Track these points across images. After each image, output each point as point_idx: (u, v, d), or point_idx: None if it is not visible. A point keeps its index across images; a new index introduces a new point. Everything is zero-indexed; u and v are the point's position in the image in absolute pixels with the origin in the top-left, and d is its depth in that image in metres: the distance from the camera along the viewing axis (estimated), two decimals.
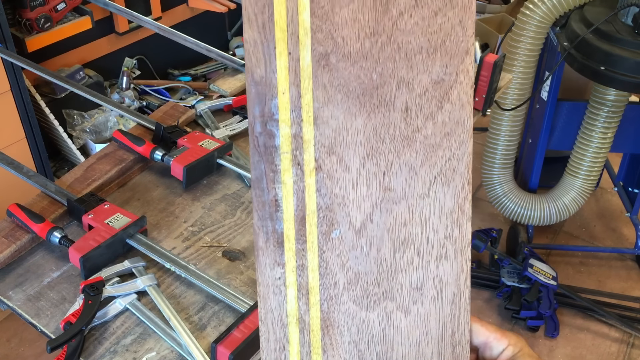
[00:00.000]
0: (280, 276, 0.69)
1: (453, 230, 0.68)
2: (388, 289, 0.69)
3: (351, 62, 0.65)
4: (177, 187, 1.33)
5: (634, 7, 2.02)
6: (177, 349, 1.01)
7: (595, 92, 2.26)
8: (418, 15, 0.65)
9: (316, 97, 0.65)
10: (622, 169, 2.75)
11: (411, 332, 0.69)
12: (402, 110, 0.65)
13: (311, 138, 0.66)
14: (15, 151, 2.17)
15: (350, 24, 0.65)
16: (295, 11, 0.65)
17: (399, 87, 0.65)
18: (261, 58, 0.64)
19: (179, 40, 1.67)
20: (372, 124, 0.66)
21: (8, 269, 1.14)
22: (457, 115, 0.66)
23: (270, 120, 0.65)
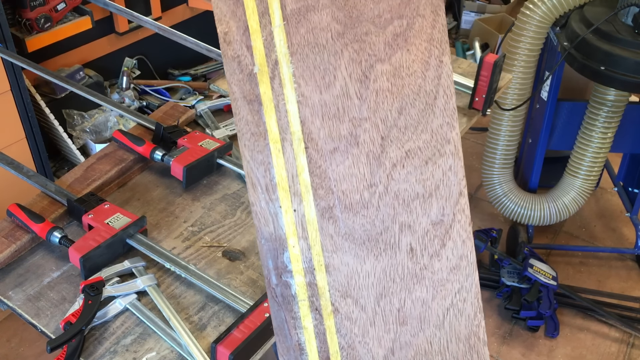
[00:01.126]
0: None
1: (472, 356, 0.71)
2: None
3: (354, 213, 0.70)
4: (177, 187, 1.33)
5: (634, 7, 2.02)
6: (177, 349, 1.01)
7: (595, 92, 2.26)
8: (410, 165, 0.71)
9: (325, 246, 0.70)
10: (622, 169, 2.75)
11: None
12: (407, 251, 0.70)
13: (325, 284, 0.70)
14: (15, 151, 2.17)
15: (348, 179, 0.70)
16: (295, 173, 0.70)
17: (402, 231, 0.70)
18: (269, 217, 0.70)
19: (179, 40, 1.67)
20: (381, 266, 0.70)
21: (8, 269, 1.14)
22: (460, 251, 0.70)
23: (285, 272, 0.70)
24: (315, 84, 0.70)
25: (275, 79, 0.71)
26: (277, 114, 0.70)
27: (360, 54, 0.71)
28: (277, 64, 0.72)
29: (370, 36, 0.71)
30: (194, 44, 1.65)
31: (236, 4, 0.70)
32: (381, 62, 0.71)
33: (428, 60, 0.71)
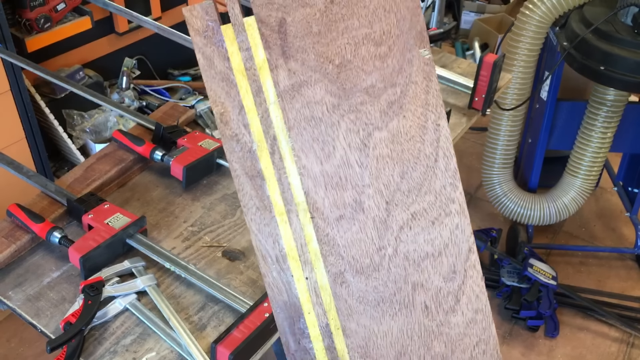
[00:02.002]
0: None
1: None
2: None
3: (365, 276, 0.71)
4: (177, 187, 1.33)
5: (634, 7, 2.02)
6: (177, 349, 1.01)
7: (594, 92, 2.26)
8: (417, 226, 0.71)
9: (340, 310, 0.71)
10: (622, 168, 2.75)
11: None
12: (422, 309, 0.71)
13: (344, 347, 0.71)
14: (15, 151, 2.17)
15: (357, 244, 0.71)
16: (303, 242, 0.72)
17: (415, 290, 0.71)
18: (282, 287, 0.72)
19: (179, 40, 1.67)
20: (398, 325, 0.71)
21: (8, 269, 1.14)
22: (475, 305, 0.71)
23: (303, 338, 0.72)
24: (315, 156, 0.71)
25: (275, 154, 0.73)
26: (280, 187, 0.72)
27: (357, 124, 0.72)
28: (275, 139, 0.73)
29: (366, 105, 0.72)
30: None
31: (229, 85, 0.72)
32: (379, 130, 0.72)
33: (425, 124, 0.72)
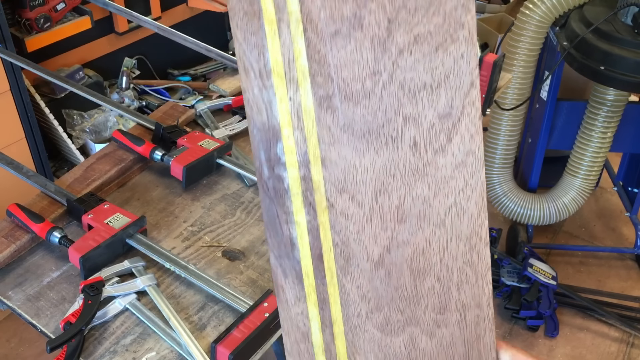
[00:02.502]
0: (303, 311, 0.69)
1: (472, 256, 0.68)
2: (411, 315, 0.69)
3: (354, 103, 0.65)
4: (177, 187, 1.33)
5: (634, 7, 2.02)
6: (177, 349, 1.01)
7: (594, 92, 2.26)
8: (418, 52, 0.64)
9: (321, 138, 0.65)
10: (622, 168, 2.75)
11: (438, 354, 0.70)
12: (410, 145, 0.65)
13: (320, 179, 0.66)
14: (15, 151, 2.16)
15: (350, 66, 0.64)
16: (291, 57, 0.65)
17: (406, 123, 0.65)
18: (262, 105, 0.64)
19: (179, 40, 1.67)
20: (381, 160, 0.65)
21: (8, 269, 1.14)
22: (467, 146, 0.65)
23: (278, 164, 0.66)
24: None
25: None
26: None
27: None
28: None
29: None
30: (194, 44, 1.65)
31: None
32: None
33: None
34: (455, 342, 0.70)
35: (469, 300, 0.69)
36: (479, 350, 0.70)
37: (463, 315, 0.69)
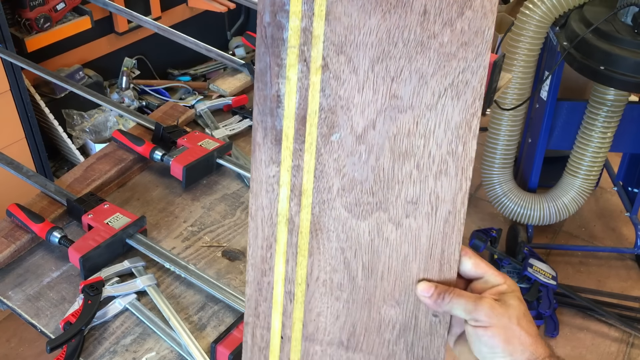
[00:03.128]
0: (275, 174, 0.68)
1: (457, 147, 0.65)
2: (382, 199, 0.67)
3: None
4: (177, 187, 1.33)
5: (634, 7, 2.02)
6: (177, 349, 1.01)
7: (594, 92, 2.26)
8: None
9: None
10: (622, 168, 2.75)
11: (400, 246, 0.68)
12: (419, 13, 0.62)
13: (321, 34, 0.64)
14: (15, 151, 2.16)
15: None
16: None
17: None
18: None
19: (179, 40, 1.67)
20: (387, 25, 0.63)
21: (8, 269, 1.14)
22: (478, 24, 0.62)
23: (281, 11, 0.63)
24: None
25: None
26: None
27: None
28: None
29: None
30: (194, 44, 1.65)
31: None
32: None
33: None
34: (421, 236, 0.68)
35: (444, 193, 0.67)
36: (443, 248, 0.68)
37: (435, 208, 0.67)
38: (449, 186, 0.66)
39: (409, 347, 0.71)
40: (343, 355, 0.72)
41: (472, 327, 0.64)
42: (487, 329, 0.63)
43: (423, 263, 0.68)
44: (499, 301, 0.65)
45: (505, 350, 0.63)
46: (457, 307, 0.65)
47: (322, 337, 0.72)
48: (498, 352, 0.63)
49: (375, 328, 0.71)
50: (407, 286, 0.69)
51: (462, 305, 0.65)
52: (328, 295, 0.71)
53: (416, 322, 0.70)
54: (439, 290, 0.66)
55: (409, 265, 0.68)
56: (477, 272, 0.68)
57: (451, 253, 0.68)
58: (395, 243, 0.68)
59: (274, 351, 0.74)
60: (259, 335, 0.73)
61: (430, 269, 0.68)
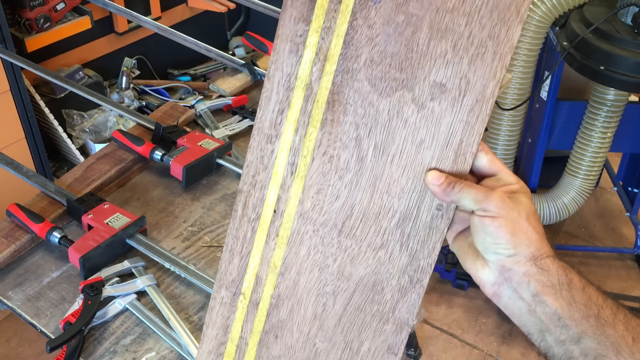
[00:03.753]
0: (302, 33, 0.65)
1: (500, 30, 0.62)
2: (409, 77, 0.64)
3: None
4: (177, 187, 1.33)
5: (634, 7, 2.02)
6: (177, 349, 1.01)
7: (594, 92, 2.26)
8: None
9: None
10: (622, 168, 2.75)
11: (418, 130, 0.65)
12: None
13: None
14: (15, 151, 2.16)
15: None
16: None
17: None
18: None
19: (179, 40, 1.67)
20: None
21: (8, 269, 1.14)
22: None
23: None
24: None
25: None
26: None
27: None
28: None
29: None
30: (194, 44, 1.65)
31: None
32: None
33: None
34: (442, 123, 0.64)
35: (475, 79, 0.63)
36: (462, 139, 0.64)
37: (462, 94, 0.64)
38: (483, 72, 0.63)
39: (405, 238, 0.68)
40: (335, 239, 0.70)
41: (480, 217, 0.62)
42: (495, 219, 0.61)
43: (438, 151, 0.65)
44: (510, 198, 0.63)
45: (510, 242, 0.62)
46: (466, 197, 0.63)
47: (317, 216, 0.69)
48: (502, 244, 0.62)
49: (374, 215, 0.68)
50: (416, 174, 0.66)
51: (472, 195, 0.62)
52: (332, 173, 0.68)
53: (418, 213, 0.67)
54: (450, 180, 0.64)
55: (423, 152, 0.65)
56: (492, 169, 0.66)
57: (469, 144, 0.65)
58: (414, 126, 0.65)
59: (263, 224, 0.71)
60: (251, 205, 0.71)
61: (444, 159, 0.65)
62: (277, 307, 0.72)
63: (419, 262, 0.68)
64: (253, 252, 0.72)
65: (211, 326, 0.75)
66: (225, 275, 0.74)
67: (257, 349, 0.74)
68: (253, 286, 0.73)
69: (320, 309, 0.71)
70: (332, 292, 0.71)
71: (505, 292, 0.64)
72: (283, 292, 0.72)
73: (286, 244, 0.71)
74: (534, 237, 0.63)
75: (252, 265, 0.72)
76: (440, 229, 0.67)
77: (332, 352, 0.72)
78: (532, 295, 0.63)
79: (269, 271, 0.72)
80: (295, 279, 0.71)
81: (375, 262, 0.69)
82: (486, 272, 0.64)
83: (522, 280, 0.63)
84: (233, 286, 0.74)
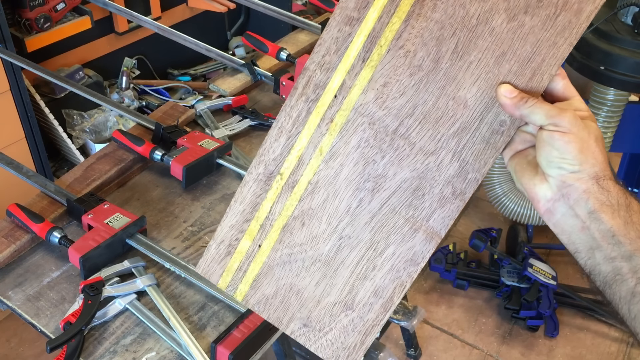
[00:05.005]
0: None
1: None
2: None
3: None
4: (177, 187, 1.33)
5: (634, 7, 2.02)
6: (177, 349, 1.01)
7: (594, 92, 2.26)
8: None
9: None
10: (622, 168, 2.75)
11: (503, 41, 0.64)
12: None
13: None
14: (15, 151, 2.16)
15: None
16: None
17: None
18: None
19: (179, 40, 1.67)
20: None
21: (8, 269, 1.14)
22: None
23: None
24: None
25: None
26: None
27: None
28: None
29: None
30: (194, 44, 1.65)
31: None
32: None
33: None
34: (529, 38, 0.63)
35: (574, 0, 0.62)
36: (545, 58, 0.64)
37: (558, 13, 0.63)
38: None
39: (459, 147, 0.67)
40: (388, 136, 0.69)
41: (549, 131, 0.62)
42: (565, 135, 0.62)
43: (517, 66, 0.64)
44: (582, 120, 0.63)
45: (577, 158, 0.62)
46: (538, 112, 0.63)
47: (377, 110, 0.69)
48: (568, 159, 0.62)
49: (435, 119, 0.67)
50: (489, 85, 0.65)
51: (544, 110, 0.62)
52: (404, 68, 0.67)
53: (479, 125, 0.67)
54: (523, 95, 0.64)
55: (502, 64, 0.65)
56: (566, 94, 0.66)
57: (550, 65, 0.64)
58: (500, 37, 0.64)
59: (320, 107, 0.70)
60: (312, 85, 0.70)
61: (520, 75, 0.65)
62: (312, 193, 0.71)
63: (467, 174, 0.68)
64: (302, 133, 0.71)
65: (240, 201, 0.74)
66: (267, 152, 0.72)
67: (281, 233, 0.73)
68: (293, 168, 0.71)
69: (355, 203, 0.70)
70: (371, 188, 0.70)
71: (560, 209, 0.64)
72: (322, 180, 0.71)
73: (338, 132, 0.70)
74: (600, 158, 0.63)
75: (298, 147, 0.71)
76: (497, 146, 0.67)
77: (355, 249, 0.71)
78: (589, 212, 0.63)
79: (313, 156, 0.71)
80: (337, 169, 0.70)
81: (424, 166, 0.68)
82: (544, 188, 0.65)
83: (581, 197, 0.63)
84: (273, 164, 0.72)
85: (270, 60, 1.69)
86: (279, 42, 1.76)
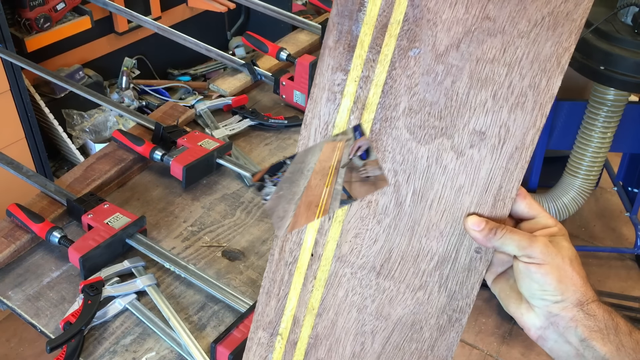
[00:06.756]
0: (340, 83, 0.65)
1: (540, 81, 0.62)
2: (449, 125, 0.64)
3: None
4: (177, 187, 1.33)
5: (634, 7, 2.02)
6: (177, 349, 1.01)
7: (594, 92, 2.26)
8: None
9: None
10: (622, 168, 2.75)
11: (457, 176, 0.65)
12: None
13: None
14: (15, 151, 2.17)
15: None
16: None
17: None
18: None
19: (179, 40, 1.67)
20: None
21: (8, 269, 1.14)
22: None
23: None
24: None
25: None
26: None
27: None
28: None
29: None
30: (194, 44, 1.65)
31: None
32: None
33: None
34: (481, 169, 0.64)
35: (515, 128, 0.63)
36: (501, 184, 0.65)
37: (502, 142, 0.64)
38: (523, 121, 0.63)
39: (443, 280, 0.68)
40: (373, 281, 0.70)
41: (525, 263, 0.63)
42: (541, 267, 0.62)
43: (477, 197, 0.65)
44: (552, 242, 0.64)
45: (558, 288, 0.62)
46: (509, 243, 0.63)
47: (355, 259, 0.70)
48: (549, 291, 0.63)
49: (413, 257, 0.68)
50: (455, 218, 0.66)
51: (515, 241, 0.63)
52: (370, 218, 0.68)
53: (456, 256, 0.68)
54: (491, 226, 0.64)
55: (462, 197, 0.66)
56: (530, 212, 0.66)
57: (509, 190, 0.65)
58: (453, 173, 0.65)
59: (300, 268, 0.71)
60: (288, 250, 0.71)
61: (483, 204, 0.65)
62: (315, 346, 0.73)
63: (458, 302, 0.69)
64: (290, 294, 0.72)
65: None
66: (262, 316, 0.74)
67: None
68: (290, 327, 0.73)
69: (358, 347, 0.72)
70: (370, 331, 0.71)
71: (551, 336, 0.65)
72: (321, 332, 0.72)
73: (324, 286, 0.71)
74: (579, 282, 0.64)
75: (290, 307, 0.73)
76: (479, 271, 0.68)
77: None
78: (580, 340, 0.64)
79: (306, 312, 0.72)
80: (333, 320, 0.72)
81: (414, 302, 0.70)
82: (531, 317, 0.65)
83: (569, 325, 0.63)
84: (270, 327, 0.74)
85: (270, 60, 1.69)
86: (279, 42, 1.76)
